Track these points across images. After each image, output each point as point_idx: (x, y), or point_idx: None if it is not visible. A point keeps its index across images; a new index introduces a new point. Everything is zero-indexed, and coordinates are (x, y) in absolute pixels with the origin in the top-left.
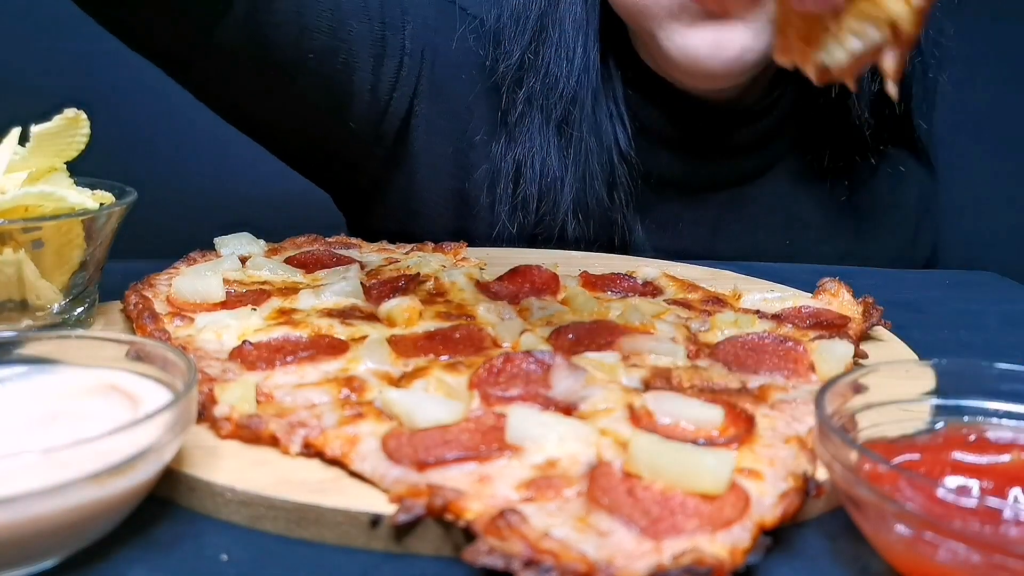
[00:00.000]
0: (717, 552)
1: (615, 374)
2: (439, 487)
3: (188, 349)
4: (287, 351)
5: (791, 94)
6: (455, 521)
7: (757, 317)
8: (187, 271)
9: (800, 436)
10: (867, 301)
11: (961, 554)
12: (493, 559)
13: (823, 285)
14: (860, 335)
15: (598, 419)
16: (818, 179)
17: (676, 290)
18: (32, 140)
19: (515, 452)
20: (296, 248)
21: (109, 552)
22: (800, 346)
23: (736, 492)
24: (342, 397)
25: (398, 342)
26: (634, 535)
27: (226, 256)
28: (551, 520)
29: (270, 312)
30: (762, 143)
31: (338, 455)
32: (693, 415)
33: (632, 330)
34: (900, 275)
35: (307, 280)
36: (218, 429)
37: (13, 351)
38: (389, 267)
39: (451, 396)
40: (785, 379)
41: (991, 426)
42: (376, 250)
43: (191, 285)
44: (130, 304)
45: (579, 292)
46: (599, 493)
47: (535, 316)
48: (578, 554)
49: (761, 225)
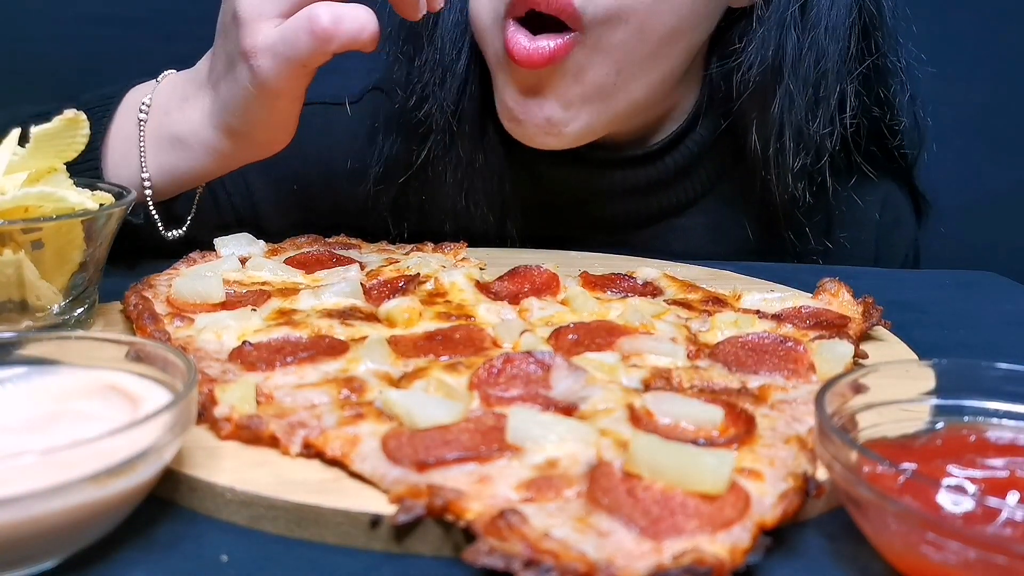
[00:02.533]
0: (717, 552)
1: (615, 374)
2: (439, 487)
3: (188, 350)
4: (287, 352)
5: (699, 135)
6: (455, 521)
7: (757, 317)
8: (187, 272)
9: (800, 436)
10: (867, 301)
11: (961, 554)
12: (493, 559)
13: (823, 285)
14: (860, 335)
15: (598, 419)
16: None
17: (676, 290)
18: (32, 141)
19: (515, 452)
20: (296, 249)
21: (109, 553)
22: (800, 346)
23: (736, 492)
24: (342, 397)
25: (398, 342)
26: (634, 535)
27: (226, 257)
28: (551, 520)
29: (270, 313)
30: (676, 179)
31: (338, 455)
32: (693, 415)
33: (632, 330)
34: (900, 275)
35: (307, 281)
36: (218, 430)
37: (13, 352)
38: (389, 267)
39: (451, 397)
40: (785, 379)
41: (991, 426)
42: (376, 250)
43: (191, 286)
44: (130, 305)
45: (579, 292)
46: (599, 493)
47: (535, 316)
48: (578, 554)
49: (701, 254)
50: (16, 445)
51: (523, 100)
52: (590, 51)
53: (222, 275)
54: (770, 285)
